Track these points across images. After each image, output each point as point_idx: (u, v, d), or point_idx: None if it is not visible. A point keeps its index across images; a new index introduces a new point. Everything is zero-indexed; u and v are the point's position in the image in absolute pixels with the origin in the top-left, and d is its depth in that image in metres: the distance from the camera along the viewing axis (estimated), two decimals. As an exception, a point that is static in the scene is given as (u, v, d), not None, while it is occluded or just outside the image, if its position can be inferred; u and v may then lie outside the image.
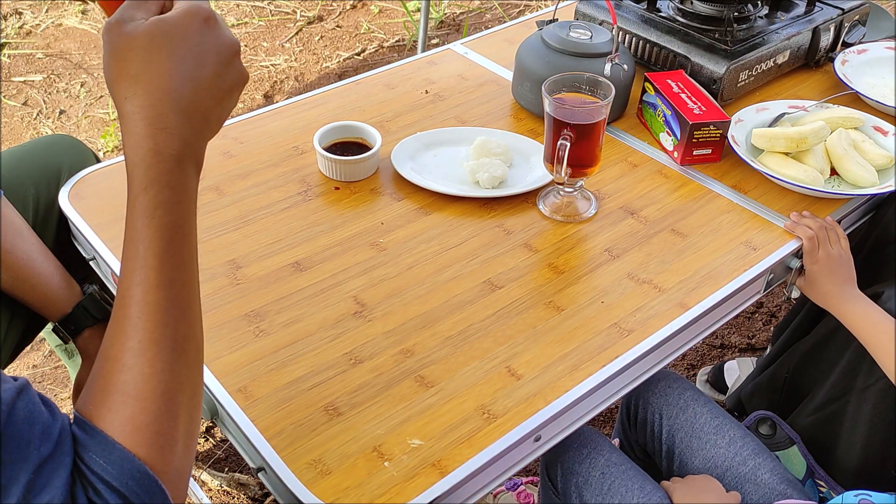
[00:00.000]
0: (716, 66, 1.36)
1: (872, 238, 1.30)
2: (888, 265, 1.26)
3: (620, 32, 1.49)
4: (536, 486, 1.47)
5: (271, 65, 2.89)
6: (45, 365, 1.85)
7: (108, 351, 0.63)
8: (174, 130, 0.63)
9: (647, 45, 1.46)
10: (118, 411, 0.61)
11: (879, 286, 1.16)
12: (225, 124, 1.37)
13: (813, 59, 1.51)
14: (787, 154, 1.25)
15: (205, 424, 1.68)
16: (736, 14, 1.42)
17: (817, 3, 1.53)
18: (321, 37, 3.06)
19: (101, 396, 0.62)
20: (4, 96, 2.71)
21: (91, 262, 1.17)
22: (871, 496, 0.92)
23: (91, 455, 0.59)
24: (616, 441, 1.27)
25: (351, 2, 3.28)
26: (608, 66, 1.27)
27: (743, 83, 1.40)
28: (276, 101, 1.90)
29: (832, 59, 1.50)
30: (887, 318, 1.07)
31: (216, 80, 0.66)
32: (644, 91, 1.36)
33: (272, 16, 3.18)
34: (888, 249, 1.27)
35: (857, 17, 1.54)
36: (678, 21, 1.46)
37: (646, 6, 1.51)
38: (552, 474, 1.07)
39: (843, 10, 1.52)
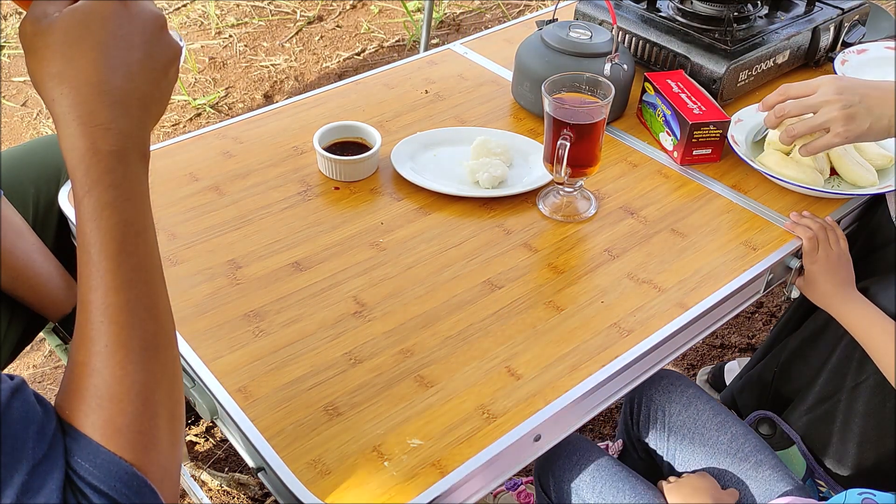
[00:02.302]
0: (716, 66, 1.36)
1: (861, 241, 1.30)
2: (878, 268, 1.26)
3: (620, 32, 1.49)
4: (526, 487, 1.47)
5: (271, 65, 2.89)
6: (45, 365, 1.85)
7: (77, 356, 0.61)
8: (110, 125, 0.60)
9: (647, 45, 1.46)
10: (96, 415, 0.59)
11: (867, 281, 1.16)
12: (224, 124, 1.38)
13: (813, 59, 1.51)
14: (787, 154, 1.25)
15: (205, 424, 1.68)
16: (736, 14, 1.42)
17: (817, 3, 1.53)
18: (321, 37, 3.07)
19: (78, 400, 0.60)
20: (4, 97, 2.71)
21: (91, 262, 1.17)
22: (875, 495, 0.92)
23: (77, 459, 0.58)
24: (619, 442, 1.27)
25: (351, 2, 3.28)
26: (608, 66, 1.27)
27: (743, 83, 1.40)
28: (276, 101, 1.90)
29: (832, 59, 1.50)
30: (886, 319, 1.08)
31: (147, 61, 0.61)
32: (644, 91, 1.36)
33: (272, 16, 3.19)
34: (878, 253, 1.27)
35: (856, 17, 1.54)
36: (678, 21, 1.46)
37: (645, 6, 1.51)
38: (545, 484, 1.07)
39: (842, 9, 1.52)
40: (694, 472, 1.09)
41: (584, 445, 1.07)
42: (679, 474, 1.09)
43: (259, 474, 0.88)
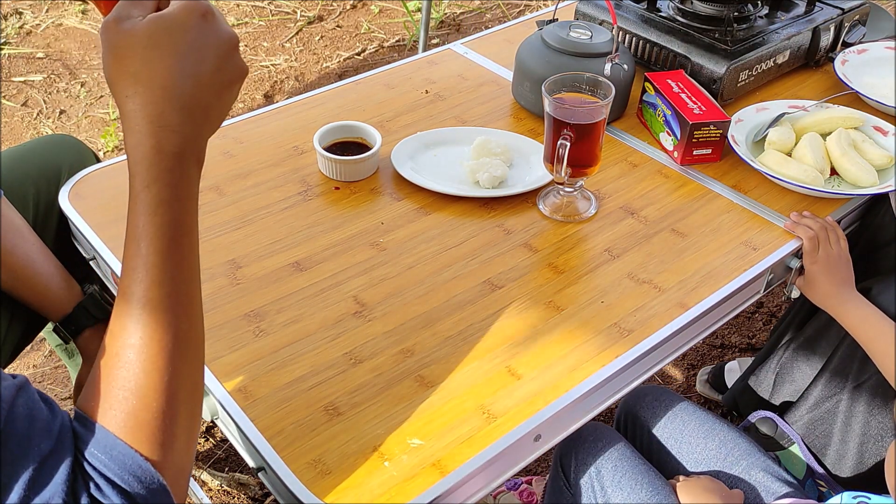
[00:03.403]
0: (716, 66, 1.36)
1: (863, 241, 1.30)
2: (880, 268, 1.26)
3: (620, 32, 1.49)
4: (534, 485, 1.47)
5: (271, 65, 2.89)
6: (46, 365, 1.85)
7: (110, 347, 0.63)
8: (176, 128, 0.63)
9: (647, 45, 1.46)
10: (119, 408, 0.61)
11: (869, 282, 1.16)
12: (225, 124, 1.37)
13: (813, 59, 1.51)
14: (787, 154, 1.25)
15: (205, 424, 1.68)
16: (736, 14, 1.42)
17: (817, 3, 1.53)
18: (321, 37, 3.07)
19: (103, 393, 0.62)
20: (4, 96, 2.71)
21: (91, 262, 1.17)
22: (869, 498, 0.92)
23: (92, 451, 0.59)
24: None
25: (351, 2, 3.28)
26: (608, 66, 1.27)
27: (743, 83, 1.40)
28: (277, 101, 1.90)
29: (832, 59, 1.50)
30: (886, 320, 1.08)
31: (217, 74, 0.65)
32: (644, 91, 1.36)
33: (272, 16, 3.19)
34: (879, 253, 1.27)
35: (857, 17, 1.54)
36: (678, 21, 1.46)
37: (646, 6, 1.51)
38: (566, 466, 1.07)
39: (843, 9, 1.52)
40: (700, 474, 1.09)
41: (608, 434, 1.07)
42: (688, 474, 1.09)
43: (259, 474, 0.88)
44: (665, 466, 1.12)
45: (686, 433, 1.11)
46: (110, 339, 0.64)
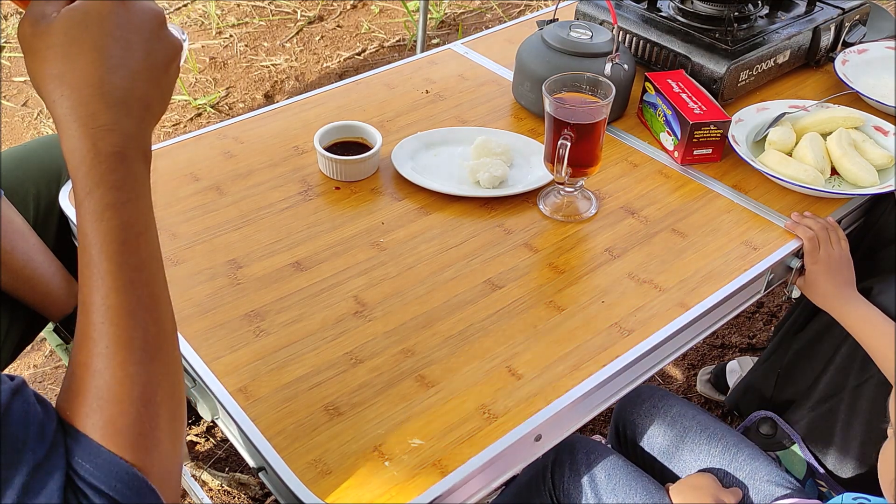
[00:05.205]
0: (716, 66, 1.36)
1: (867, 241, 1.30)
2: (882, 267, 1.26)
3: (621, 32, 1.49)
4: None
5: (272, 65, 2.89)
6: (46, 365, 1.85)
7: (78, 356, 0.61)
8: (112, 126, 0.59)
9: (648, 45, 1.46)
10: (96, 416, 0.59)
11: (870, 281, 1.16)
12: (224, 124, 1.37)
13: (813, 59, 1.51)
14: (788, 154, 1.25)
15: (205, 424, 1.68)
16: (736, 14, 1.42)
17: (818, 3, 1.53)
18: (321, 37, 3.07)
19: (78, 401, 0.60)
20: (5, 97, 2.71)
21: (91, 262, 1.17)
22: (869, 500, 0.92)
23: (77, 459, 0.58)
24: None
25: (351, 2, 3.28)
26: (608, 66, 1.27)
27: (743, 83, 1.40)
28: (277, 101, 1.90)
29: (833, 59, 1.50)
30: (887, 321, 1.07)
31: (148, 59, 0.61)
32: (644, 91, 1.36)
33: (273, 16, 3.19)
34: (882, 252, 1.27)
35: (857, 17, 1.54)
36: (678, 21, 1.46)
37: (646, 6, 1.51)
38: (556, 475, 1.07)
39: (843, 9, 1.52)
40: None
41: (598, 447, 1.07)
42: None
43: (260, 474, 0.88)
44: (667, 474, 1.12)
45: (688, 440, 1.11)
46: (77, 348, 0.61)
